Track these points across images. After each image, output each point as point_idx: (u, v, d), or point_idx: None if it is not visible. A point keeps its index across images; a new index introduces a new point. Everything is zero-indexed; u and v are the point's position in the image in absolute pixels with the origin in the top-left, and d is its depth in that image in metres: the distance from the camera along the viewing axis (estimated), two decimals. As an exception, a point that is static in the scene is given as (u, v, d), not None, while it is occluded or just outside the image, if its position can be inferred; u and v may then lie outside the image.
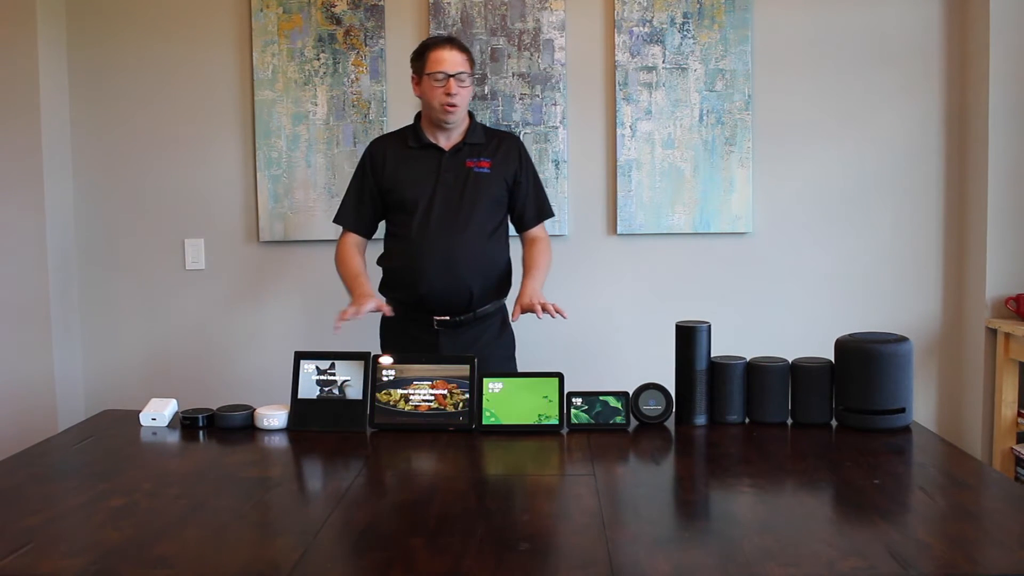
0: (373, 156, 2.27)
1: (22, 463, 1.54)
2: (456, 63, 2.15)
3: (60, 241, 2.91)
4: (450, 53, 2.15)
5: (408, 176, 2.21)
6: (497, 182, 2.22)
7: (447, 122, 2.18)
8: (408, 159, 2.23)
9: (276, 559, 1.10)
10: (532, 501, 1.31)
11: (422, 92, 2.20)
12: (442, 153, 2.22)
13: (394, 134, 2.33)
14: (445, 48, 2.15)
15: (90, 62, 2.95)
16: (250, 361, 2.98)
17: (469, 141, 2.23)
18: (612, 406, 1.72)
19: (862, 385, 1.65)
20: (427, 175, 2.20)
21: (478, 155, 2.22)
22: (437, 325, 2.19)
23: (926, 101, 2.85)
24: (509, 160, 2.25)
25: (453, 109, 2.15)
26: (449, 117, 2.17)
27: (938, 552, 1.10)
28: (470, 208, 2.18)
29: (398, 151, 2.24)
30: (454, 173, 2.20)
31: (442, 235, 2.15)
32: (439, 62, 2.14)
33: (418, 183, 2.19)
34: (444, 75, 2.13)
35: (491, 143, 2.26)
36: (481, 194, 2.19)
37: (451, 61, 2.14)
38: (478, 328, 2.23)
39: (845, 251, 2.90)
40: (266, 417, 1.75)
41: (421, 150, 2.23)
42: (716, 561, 1.07)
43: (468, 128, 2.25)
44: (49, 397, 2.86)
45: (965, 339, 2.87)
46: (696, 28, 2.83)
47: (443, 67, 2.14)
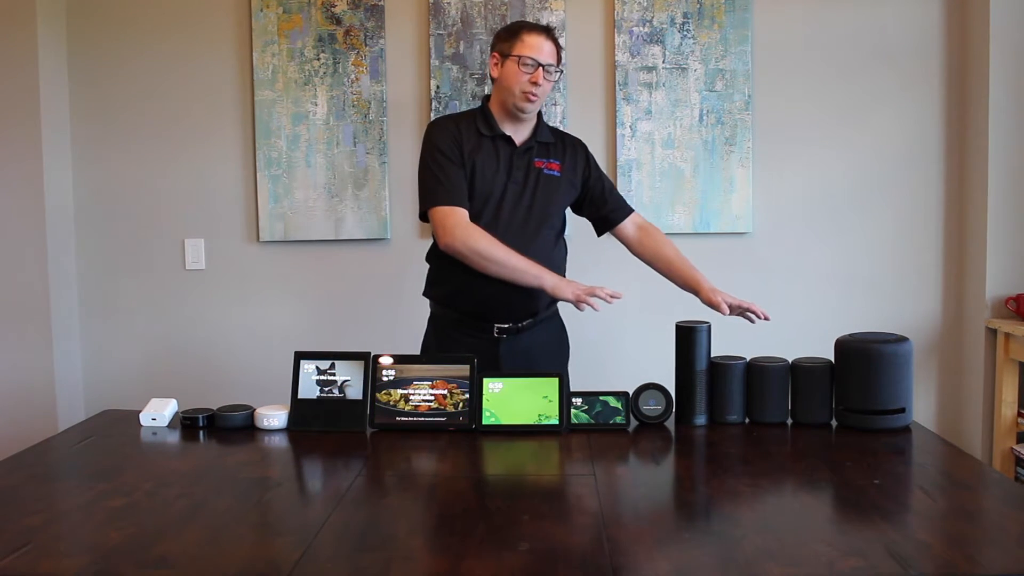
0: (450, 132, 2.03)
1: (22, 463, 1.54)
2: (549, 53, 2.01)
3: (60, 241, 2.91)
4: (546, 42, 2.00)
5: (482, 165, 2.02)
6: (567, 186, 2.10)
7: (524, 111, 2.02)
8: (481, 146, 2.04)
9: (276, 559, 1.10)
10: (532, 501, 1.31)
11: (502, 75, 2.02)
12: (513, 147, 2.06)
13: (459, 117, 2.10)
14: (542, 35, 2.01)
15: (90, 62, 2.95)
16: (250, 361, 2.98)
17: (539, 139, 2.09)
18: (612, 406, 1.72)
19: (862, 385, 1.65)
20: (499, 168, 2.03)
21: (547, 155, 2.09)
22: (498, 333, 2.05)
23: (926, 101, 2.85)
24: (577, 163, 2.13)
25: (534, 99, 2.00)
26: (527, 106, 2.01)
27: (938, 552, 1.10)
28: (541, 210, 2.04)
29: (472, 136, 2.04)
30: (524, 171, 2.05)
31: (512, 236, 1.98)
32: (533, 48, 1.99)
33: (490, 175, 2.02)
34: (535, 62, 1.98)
35: (559, 145, 2.13)
36: (552, 197, 2.06)
37: (546, 50, 2.00)
38: (538, 334, 2.10)
39: (845, 251, 2.90)
40: (266, 417, 1.75)
41: (492, 139, 2.05)
42: (716, 561, 1.07)
43: (536, 126, 2.10)
44: (49, 397, 2.86)
45: (965, 339, 2.87)
46: (696, 28, 2.83)
47: (536, 54, 1.98)
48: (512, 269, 1.93)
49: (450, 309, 2.09)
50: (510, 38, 2.02)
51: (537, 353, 2.09)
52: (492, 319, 2.05)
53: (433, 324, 2.17)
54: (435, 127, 2.07)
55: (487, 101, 2.11)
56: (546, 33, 2.02)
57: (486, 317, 2.05)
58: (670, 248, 2.18)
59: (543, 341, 2.12)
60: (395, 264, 2.94)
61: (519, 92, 2.00)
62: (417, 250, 2.93)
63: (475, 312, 2.05)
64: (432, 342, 2.15)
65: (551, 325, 2.17)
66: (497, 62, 2.04)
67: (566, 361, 2.23)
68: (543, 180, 2.06)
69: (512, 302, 2.02)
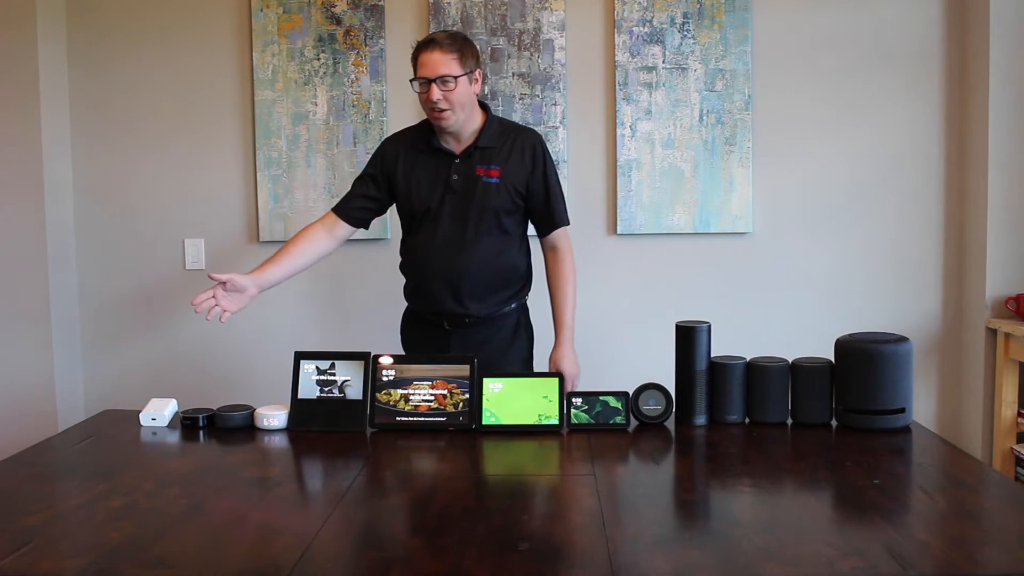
0: (385, 155, 2.14)
1: (22, 463, 1.54)
2: (437, 65, 1.95)
3: (60, 241, 2.91)
4: (430, 55, 1.96)
5: (417, 182, 2.09)
6: (507, 192, 2.07)
7: (441, 128, 2.04)
8: (419, 163, 2.10)
9: (276, 559, 1.10)
10: (532, 501, 1.31)
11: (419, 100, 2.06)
12: (452, 158, 2.07)
13: (408, 133, 2.18)
14: (426, 50, 1.97)
15: (90, 62, 2.95)
16: (250, 361, 2.98)
17: (481, 144, 2.06)
18: (612, 406, 1.72)
19: (862, 385, 1.65)
20: (436, 182, 2.07)
21: (489, 161, 2.07)
22: (448, 326, 2.12)
23: (926, 101, 2.85)
24: (522, 164, 2.08)
25: (441, 115, 1.99)
26: (441, 123, 2.02)
27: (938, 552, 1.10)
28: (477, 221, 2.05)
29: (410, 153, 2.11)
30: (464, 180, 2.06)
31: (447, 248, 2.06)
32: (422, 66, 1.97)
33: (426, 191, 2.08)
34: (425, 80, 1.96)
35: (504, 145, 2.08)
36: (489, 206, 2.05)
37: (431, 64, 1.95)
38: (490, 329, 2.14)
39: (845, 251, 2.90)
40: (266, 417, 1.75)
41: (431, 155, 2.09)
42: (716, 561, 1.07)
43: (482, 127, 2.08)
44: (49, 397, 2.86)
45: (965, 339, 2.87)
46: (696, 28, 2.83)
47: (424, 72, 1.97)
48: None
49: (413, 303, 2.21)
50: (413, 65, 2.02)
51: (491, 347, 2.12)
52: (440, 313, 2.12)
53: (405, 318, 2.27)
54: (381, 144, 2.21)
55: None
56: (431, 45, 1.97)
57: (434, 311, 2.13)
58: (563, 291, 2.17)
59: (496, 335, 2.15)
60: (395, 264, 2.92)
61: (428, 112, 2.03)
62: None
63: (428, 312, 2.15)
64: (405, 333, 2.27)
65: (506, 322, 2.16)
66: None
67: (527, 355, 2.23)
68: (481, 187, 2.06)
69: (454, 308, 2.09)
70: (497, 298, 2.13)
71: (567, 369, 2.11)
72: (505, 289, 2.14)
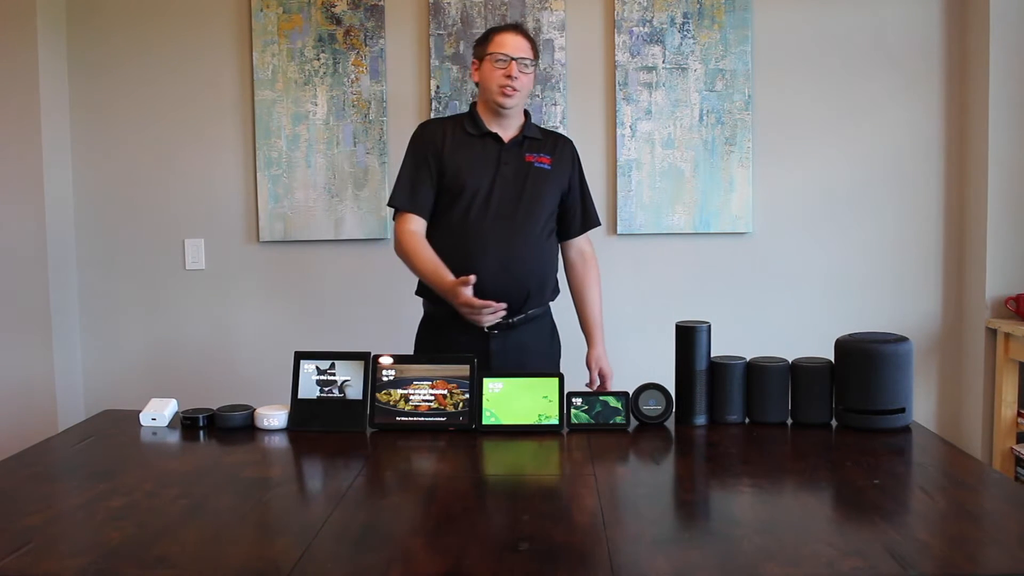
0: (430, 135, 2.12)
1: (22, 463, 1.54)
2: (520, 48, 2.06)
3: (60, 241, 2.91)
4: (514, 38, 2.07)
5: (467, 162, 2.07)
6: (556, 182, 2.13)
7: (504, 106, 2.06)
8: (466, 144, 2.09)
9: (276, 559, 1.10)
10: (532, 501, 1.31)
11: (481, 76, 2.10)
12: (501, 143, 2.10)
13: (446, 119, 2.19)
14: (510, 32, 2.08)
15: (90, 62, 2.95)
16: (250, 361, 2.98)
17: (528, 135, 2.13)
18: (612, 406, 1.72)
19: (862, 385, 1.65)
20: (486, 164, 2.08)
21: (538, 150, 2.12)
22: (488, 329, 2.05)
23: (926, 101, 2.85)
24: (565, 161, 2.16)
25: (512, 93, 2.04)
26: (507, 101, 2.05)
27: (938, 552, 1.10)
28: (530, 204, 2.07)
29: (456, 135, 2.11)
30: (514, 166, 2.09)
31: (501, 230, 2.04)
32: (503, 44, 2.06)
33: (477, 171, 2.06)
34: (507, 56, 2.04)
35: (548, 141, 2.17)
36: (541, 191, 2.09)
37: (514, 45, 2.06)
38: (529, 332, 2.12)
39: (845, 251, 2.90)
40: (266, 417, 1.75)
41: (480, 138, 2.10)
42: (716, 561, 1.07)
43: (524, 124, 2.15)
44: (49, 397, 2.86)
45: (965, 339, 2.87)
46: (696, 28, 2.83)
47: (506, 49, 2.05)
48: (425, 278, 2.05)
49: (443, 306, 2.07)
50: (483, 42, 2.11)
51: (529, 350, 2.11)
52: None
53: (426, 322, 2.19)
54: (419, 128, 2.17)
55: (474, 105, 2.17)
56: (515, 29, 2.10)
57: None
58: (592, 292, 2.24)
59: (535, 338, 2.14)
60: (395, 264, 2.91)
61: (496, 87, 2.06)
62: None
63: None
64: (426, 340, 2.17)
65: (543, 322, 2.19)
66: (476, 66, 2.13)
67: (558, 358, 2.24)
68: (533, 173, 2.10)
69: (505, 296, 2.01)
70: (537, 295, 2.10)
71: (607, 368, 2.19)
72: (547, 283, 2.13)
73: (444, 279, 1.98)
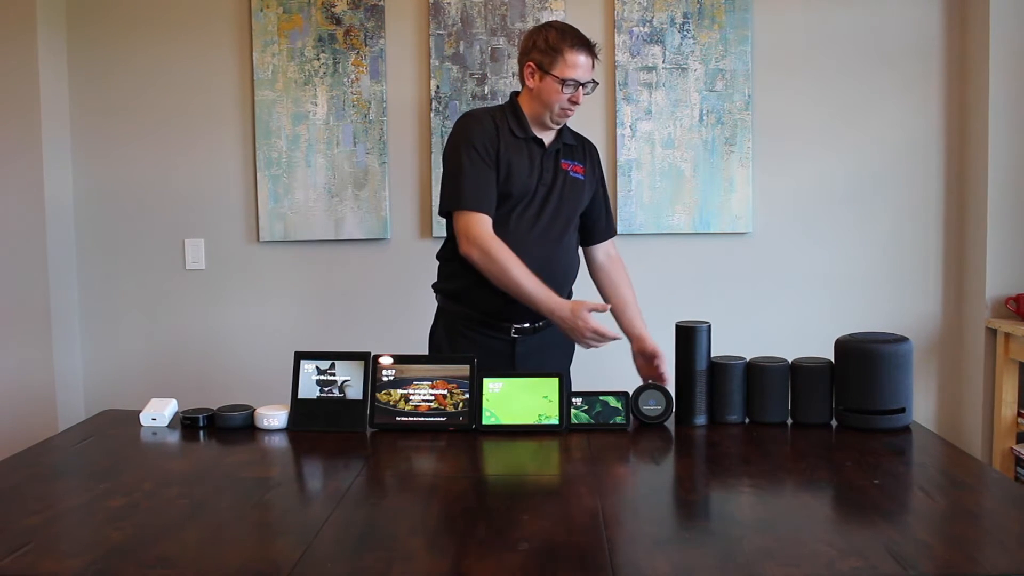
0: (488, 131, 1.97)
1: (22, 463, 1.54)
2: (589, 71, 1.95)
3: (60, 241, 2.91)
4: (587, 60, 1.93)
5: (518, 166, 1.98)
6: (588, 190, 2.09)
7: (559, 124, 2.02)
8: (516, 148, 1.99)
9: (276, 559, 1.10)
10: (532, 501, 1.31)
11: (540, 89, 1.95)
12: (543, 149, 2.03)
13: (491, 113, 2.03)
14: (583, 54, 1.93)
15: (90, 62, 2.95)
16: (250, 361, 2.98)
17: (564, 141, 2.06)
18: (612, 406, 1.72)
19: (862, 385, 1.65)
20: (532, 170, 2.00)
21: (572, 158, 2.07)
22: (515, 333, 2.02)
23: (926, 101, 2.85)
24: (592, 167, 2.13)
25: (567, 116, 2.00)
26: (559, 122, 2.01)
27: (938, 552, 1.10)
28: (568, 213, 2.03)
29: (507, 136, 1.99)
30: (552, 173, 2.03)
31: (542, 238, 1.99)
32: (575, 68, 1.92)
33: (524, 177, 1.98)
34: (576, 83, 1.93)
35: (579, 148, 2.11)
36: (578, 198, 2.06)
37: (586, 68, 1.94)
38: (552, 333, 2.05)
39: (845, 251, 2.90)
40: (266, 417, 1.75)
41: (527, 142, 2.01)
42: (716, 561, 1.07)
43: (561, 128, 2.07)
44: (49, 397, 2.86)
45: (965, 339, 2.87)
46: (696, 28, 2.83)
47: (578, 75, 1.92)
48: (526, 294, 1.89)
49: (465, 307, 2.04)
50: (551, 53, 1.93)
51: (550, 352, 2.09)
52: (511, 319, 2.02)
53: (445, 320, 2.11)
54: (472, 120, 1.99)
55: (516, 98, 2.04)
56: (587, 50, 1.95)
57: (504, 317, 2.01)
58: (628, 290, 2.17)
59: (556, 340, 2.09)
60: (395, 264, 2.94)
61: (557, 109, 1.96)
62: (417, 250, 2.93)
63: (493, 312, 2.01)
64: (443, 338, 2.09)
65: None
66: (533, 72, 1.96)
67: (571, 358, 2.23)
68: (569, 182, 2.05)
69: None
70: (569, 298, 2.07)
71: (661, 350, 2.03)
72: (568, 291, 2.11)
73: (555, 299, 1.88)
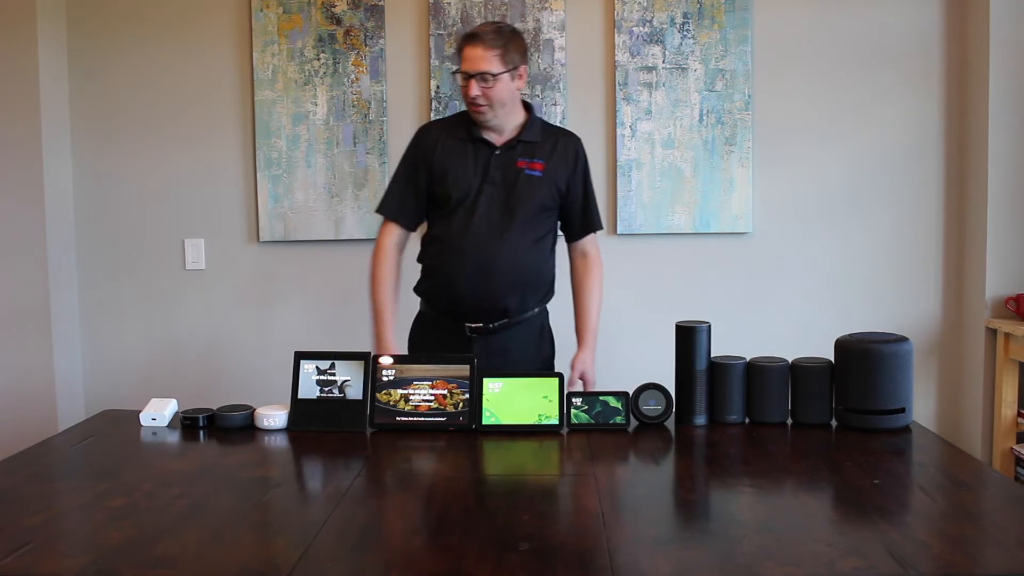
0: (423, 141, 2.08)
1: (22, 463, 1.54)
2: (478, 61, 1.94)
3: (60, 241, 2.91)
4: (473, 50, 1.95)
5: (455, 169, 2.03)
6: (548, 187, 2.05)
7: (477, 121, 2.03)
8: (457, 151, 2.05)
9: (276, 559, 1.10)
10: (532, 501, 1.31)
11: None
12: (493, 149, 2.04)
13: (446, 121, 2.15)
14: (469, 44, 1.96)
15: (90, 62, 2.95)
16: (250, 361, 2.98)
17: (524, 139, 2.04)
18: (612, 406, 1.72)
19: (862, 385, 1.65)
20: (475, 172, 2.03)
21: (531, 155, 2.04)
22: (470, 332, 2.07)
23: (926, 101, 2.85)
24: (564, 162, 2.08)
25: (479, 110, 1.99)
26: (478, 118, 2.01)
27: (938, 552, 1.10)
28: (515, 212, 2.02)
29: (449, 141, 2.06)
30: (503, 172, 2.03)
31: (482, 239, 2.01)
32: (465, 60, 1.97)
33: (465, 179, 2.03)
34: (466, 75, 1.97)
35: (547, 142, 2.07)
36: (529, 199, 2.03)
37: (472, 59, 1.95)
38: (512, 336, 2.09)
39: (845, 251, 2.90)
40: (266, 417, 1.75)
41: (472, 143, 2.05)
42: (716, 561, 1.07)
43: (525, 124, 2.06)
44: (49, 397, 2.86)
45: (965, 339, 2.87)
46: (696, 28, 2.83)
47: (464, 66, 1.97)
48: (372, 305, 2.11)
49: (430, 307, 2.13)
50: (457, 54, 2.03)
51: (512, 354, 2.09)
52: (464, 318, 2.07)
53: (418, 321, 2.20)
54: (417, 132, 2.14)
55: None
56: (474, 39, 1.96)
57: (459, 316, 2.08)
58: (589, 296, 2.19)
59: (519, 342, 2.11)
60: (395, 264, 2.94)
61: (467, 105, 2.02)
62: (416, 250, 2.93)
63: (449, 311, 2.09)
64: (416, 337, 2.20)
65: (530, 326, 2.14)
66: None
67: (549, 362, 2.21)
68: (523, 180, 2.04)
69: (483, 303, 2.04)
70: (524, 300, 2.08)
71: (590, 375, 2.12)
72: (534, 290, 2.10)
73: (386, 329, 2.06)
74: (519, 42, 2.02)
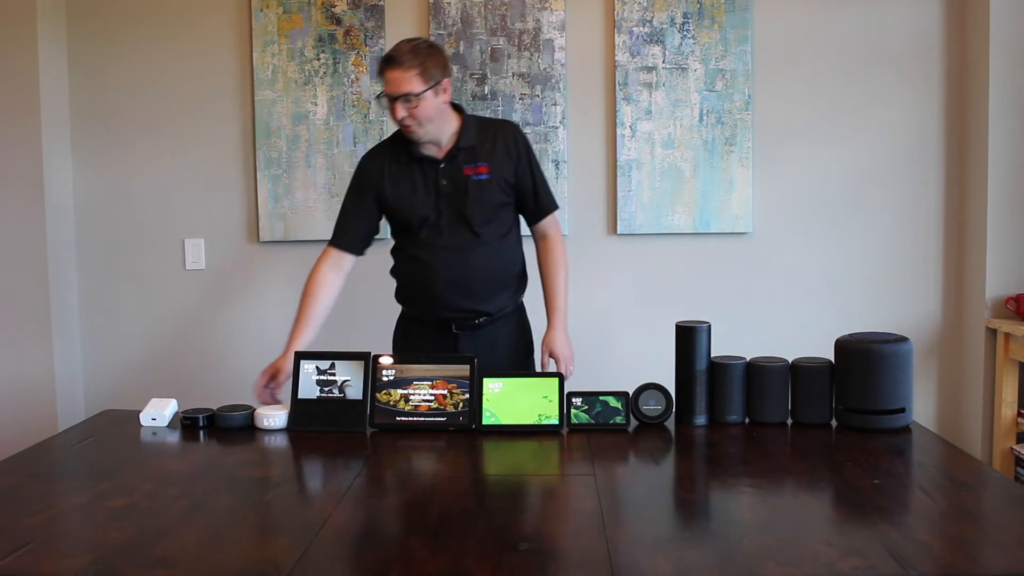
0: (370, 173, 2.12)
1: (22, 463, 1.54)
2: (399, 83, 1.93)
3: (60, 241, 2.91)
4: (392, 74, 1.94)
5: (408, 197, 2.07)
6: (498, 186, 2.07)
7: (412, 141, 2.04)
8: (404, 177, 2.09)
9: (276, 559, 1.10)
10: (532, 501, 1.31)
11: None
12: (437, 164, 2.06)
13: (386, 146, 2.16)
14: (387, 68, 1.96)
15: (90, 62, 2.95)
16: (250, 361, 2.97)
17: (463, 145, 2.06)
18: (612, 406, 1.72)
19: (862, 385, 1.65)
20: (427, 193, 2.06)
21: (475, 160, 2.06)
22: (456, 330, 2.11)
23: (926, 101, 2.85)
24: (507, 157, 2.09)
25: (409, 129, 2.00)
26: (411, 136, 2.02)
27: (938, 552, 1.10)
28: (474, 219, 2.05)
29: (393, 166, 2.10)
30: (453, 183, 2.05)
31: (453, 253, 2.05)
32: (386, 84, 1.97)
33: (420, 202, 2.06)
34: (388, 97, 1.97)
35: (486, 142, 2.08)
36: (483, 202, 2.06)
37: (393, 82, 1.94)
38: (497, 330, 2.14)
39: (845, 251, 2.90)
40: (266, 417, 1.75)
41: (416, 164, 2.07)
42: (716, 561, 1.07)
43: (460, 128, 2.07)
44: (49, 397, 2.86)
45: (965, 339, 2.87)
46: (696, 28, 2.83)
47: (387, 89, 1.97)
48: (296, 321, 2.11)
49: (414, 309, 2.17)
50: (380, 79, 2.02)
51: (500, 346, 2.13)
52: (448, 322, 2.11)
53: (401, 322, 2.24)
54: (361, 161, 2.16)
55: None
56: (390, 62, 1.95)
57: (443, 322, 2.11)
58: (554, 276, 2.18)
59: (504, 334, 2.16)
60: (395, 264, 2.94)
61: (398, 125, 2.02)
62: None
63: (433, 318, 2.12)
64: (400, 338, 2.23)
65: (511, 318, 2.18)
66: None
67: (530, 353, 2.24)
68: (472, 186, 2.05)
69: (466, 308, 2.08)
70: (504, 295, 2.13)
71: (560, 351, 2.11)
72: (509, 286, 2.15)
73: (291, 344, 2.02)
74: (437, 56, 2.01)
